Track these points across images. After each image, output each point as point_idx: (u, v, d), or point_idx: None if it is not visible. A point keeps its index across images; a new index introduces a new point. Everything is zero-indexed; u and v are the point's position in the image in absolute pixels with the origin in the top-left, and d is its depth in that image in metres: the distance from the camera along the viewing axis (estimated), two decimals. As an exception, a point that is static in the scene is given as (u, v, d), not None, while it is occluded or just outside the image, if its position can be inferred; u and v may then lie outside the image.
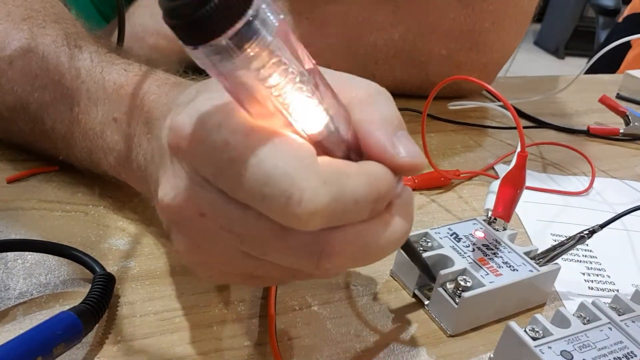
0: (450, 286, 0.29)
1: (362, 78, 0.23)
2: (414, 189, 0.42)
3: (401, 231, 0.22)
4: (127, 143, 0.30)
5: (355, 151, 0.22)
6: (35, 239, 0.31)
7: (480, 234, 0.32)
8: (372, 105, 0.22)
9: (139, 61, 0.33)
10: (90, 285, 0.27)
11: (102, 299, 0.26)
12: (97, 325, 0.26)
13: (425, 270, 0.29)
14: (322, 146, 0.20)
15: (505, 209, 0.33)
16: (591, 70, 0.61)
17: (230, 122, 0.19)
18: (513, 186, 0.33)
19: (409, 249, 0.28)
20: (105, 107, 0.32)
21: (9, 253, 0.30)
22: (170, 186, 0.21)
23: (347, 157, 0.21)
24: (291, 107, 0.19)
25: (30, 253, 0.30)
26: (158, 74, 0.31)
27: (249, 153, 0.19)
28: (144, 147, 0.29)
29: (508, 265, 0.30)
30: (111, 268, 0.30)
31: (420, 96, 0.46)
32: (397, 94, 0.22)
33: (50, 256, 0.30)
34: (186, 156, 0.21)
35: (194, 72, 0.30)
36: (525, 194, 0.43)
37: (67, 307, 0.25)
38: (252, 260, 0.22)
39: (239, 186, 0.19)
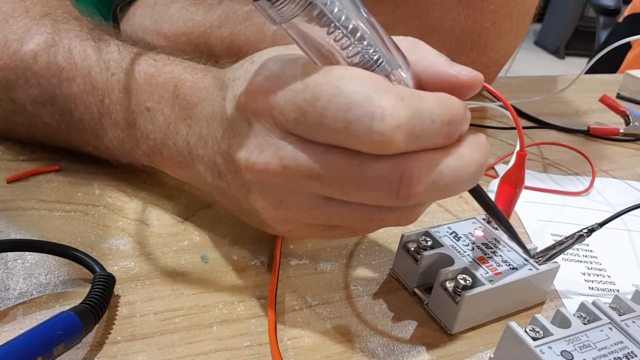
0: (450, 285, 0.29)
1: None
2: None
3: (474, 163, 0.23)
4: (162, 131, 0.31)
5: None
6: (35, 239, 0.31)
7: (479, 233, 0.32)
8: (419, 49, 0.24)
9: (164, 52, 0.34)
10: (90, 285, 0.27)
11: (102, 299, 0.26)
12: (97, 325, 0.26)
13: (496, 217, 0.28)
14: None
15: (504, 208, 0.33)
16: (591, 70, 0.61)
17: (306, 69, 0.22)
18: (512, 185, 0.33)
19: (479, 195, 0.27)
20: (137, 97, 0.32)
21: (9, 253, 0.30)
22: (254, 146, 0.23)
23: None
24: (352, 53, 0.21)
25: (30, 253, 0.30)
26: (185, 62, 0.33)
27: (328, 87, 0.21)
28: (182, 133, 0.30)
29: (507, 264, 0.30)
30: (111, 268, 0.30)
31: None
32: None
33: (50, 256, 0.30)
34: (266, 112, 0.23)
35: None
36: (526, 194, 0.43)
37: (67, 307, 0.25)
38: (334, 206, 0.24)
39: (323, 121, 0.21)
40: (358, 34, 0.21)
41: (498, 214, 0.28)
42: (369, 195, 0.22)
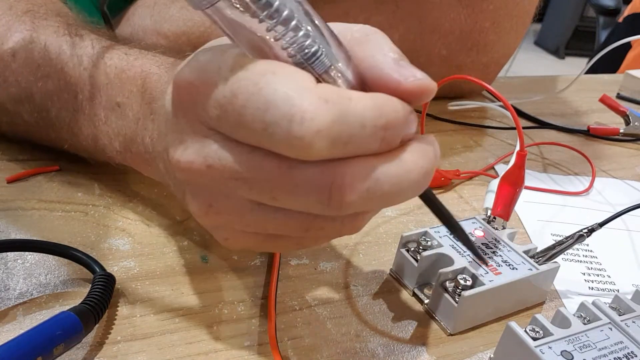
0: (449, 285, 0.29)
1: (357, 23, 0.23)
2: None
3: (417, 170, 0.21)
4: (132, 127, 0.30)
5: (360, 90, 0.21)
6: (35, 239, 0.31)
7: (479, 233, 0.32)
8: (370, 43, 0.22)
9: (139, 47, 0.33)
10: (90, 285, 0.27)
11: (102, 299, 0.26)
12: (97, 325, 0.26)
13: (448, 224, 0.26)
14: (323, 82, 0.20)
15: (504, 208, 0.33)
16: (591, 70, 0.61)
17: (229, 62, 0.20)
18: (512, 185, 0.33)
19: (430, 201, 0.25)
20: (108, 92, 0.32)
21: (9, 253, 0.30)
22: (179, 142, 0.22)
23: None
24: (287, 44, 0.19)
25: (30, 253, 0.30)
26: (157, 55, 0.32)
27: (248, 84, 0.19)
28: (149, 128, 0.29)
29: (507, 263, 0.30)
30: (111, 268, 0.30)
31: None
32: (396, 94, 0.22)
33: (50, 256, 0.30)
34: (189, 106, 0.21)
35: None
36: (526, 194, 0.43)
37: (67, 307, 0.25)
38: (266, 212, 0.22)
39: (241, 120, 0.19)
40: (292, 24, 0.19)
41: (452, 222, 0.26)
42: (298, 201, 0.21)
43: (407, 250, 0.31)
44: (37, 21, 0.34)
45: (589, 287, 0.34)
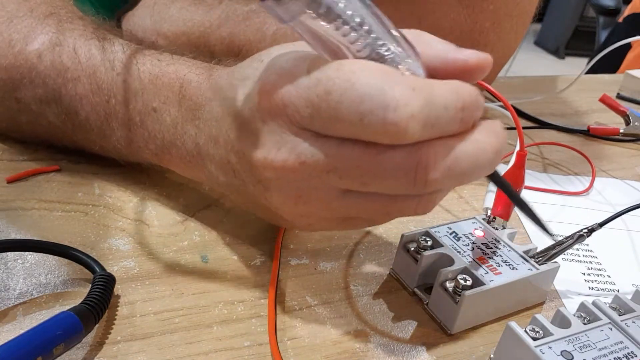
0: (450, 285, 0.29)
1: None
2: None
3: (491, 149, 0.23)
4: (170, 131, 0.31)
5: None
6: (35, 239, 0.31)
7: (479, 233, 0.32)
8: (426, 39, 0.24)
9: (169, 51, 0.34)
10: (90, 285, 0.27)
11: (102, 299, 0.26)
12: (97, 325, 0.26)
13: (516, 201, 0.28)
14: None
15: (504, 208, 0.33)
16: (591, 70, 0.61)
17: (316, 64, 0.22)
18: (512, 185, 0.33)
19: (498, 180, 0.27)
20: (143, 97, 0.32)
21: (9, 253, 0.30)
22: (271, 144, 0.24)
23: None
24: (361, 47, 0.22)
25: (30, 253, 0.30)
26: (189, 60, 0.33)
27: (340, 81, 0.21)
28: (190, 133, 0.30)
29: (507, 263, 0.30)
30: (111, 268, 0.30)
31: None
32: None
33: (50, 256, 0.30)
34: (280, 110, 0.23)
35: None
36: (526, 194, 0.43)
37: (67, 307, 0.25)
38: (352, 198, 0.24)
39: (337, 115, 0.21)
40: (365, 28, 0.21)
41: (518, 199, 0.28)
42: (386, 184, 0.23)
43: (407, 250, 0.31)
44: (62, 24, 0.35)
45: (589, 287, 0.34)
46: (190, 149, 0.31)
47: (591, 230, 0.31)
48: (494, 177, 0.26)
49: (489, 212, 0.34)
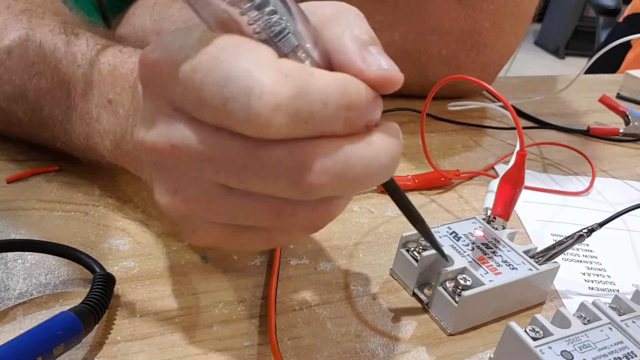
0: (450, 285, 0.29)
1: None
2: (414, 189, 0.42)
3: (386, 153, 0.21)
4: (123, 124, 0.30)
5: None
6: (35, 239, 0.31)
7: (479, 233, 0.32)
8: (340, 23, 0.21)
9: (134, 45, 0.33)
10: (90, 285, 0.27)
11: (102, 299, 0.26)
12: (97, 325, 0.26)
13: (410, 215, 0.26)
14: None
15: (504, 208, 0.33)
16: (591, 70, 0.61)
17: (193, 38, 0.20)
18: (512, 185, 0.33)
19: (395, 191, 0.25)
20: (100, 89, 0.31)
21: (9, 253, 0.30)
22: (143, 123, 0.21)
23: None
24: (252, 20, 0.19)
25: (30, 253, 0.30)
26: None
27: (207, 58, 0.19)
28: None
29: (507, 263, 0.30)
30: (111, 268, 0.30)
31: (420, 96, 0.46)
32: (397, 94, 0.22)
33: (50, 256, 0.30)
34: (156, 86, 0.21)
35: None
36: (526, 194, 0.43)
37: (67, 307, 0.25)
38: (236, 197, 0.21)
39: (201, 97, 0.19)
40: (258, 0, 0.19)
41: (414, 213, 0.25)
42: (267, 183, 0.20)
43: (407, 250, 0.31)
44: (34, 20, 0.34)
45: (589, 287, 0.34)
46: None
47: (591, 230, 0.31)
48: (390, 186, 0.24)
49: (489, 212, 0.34)
